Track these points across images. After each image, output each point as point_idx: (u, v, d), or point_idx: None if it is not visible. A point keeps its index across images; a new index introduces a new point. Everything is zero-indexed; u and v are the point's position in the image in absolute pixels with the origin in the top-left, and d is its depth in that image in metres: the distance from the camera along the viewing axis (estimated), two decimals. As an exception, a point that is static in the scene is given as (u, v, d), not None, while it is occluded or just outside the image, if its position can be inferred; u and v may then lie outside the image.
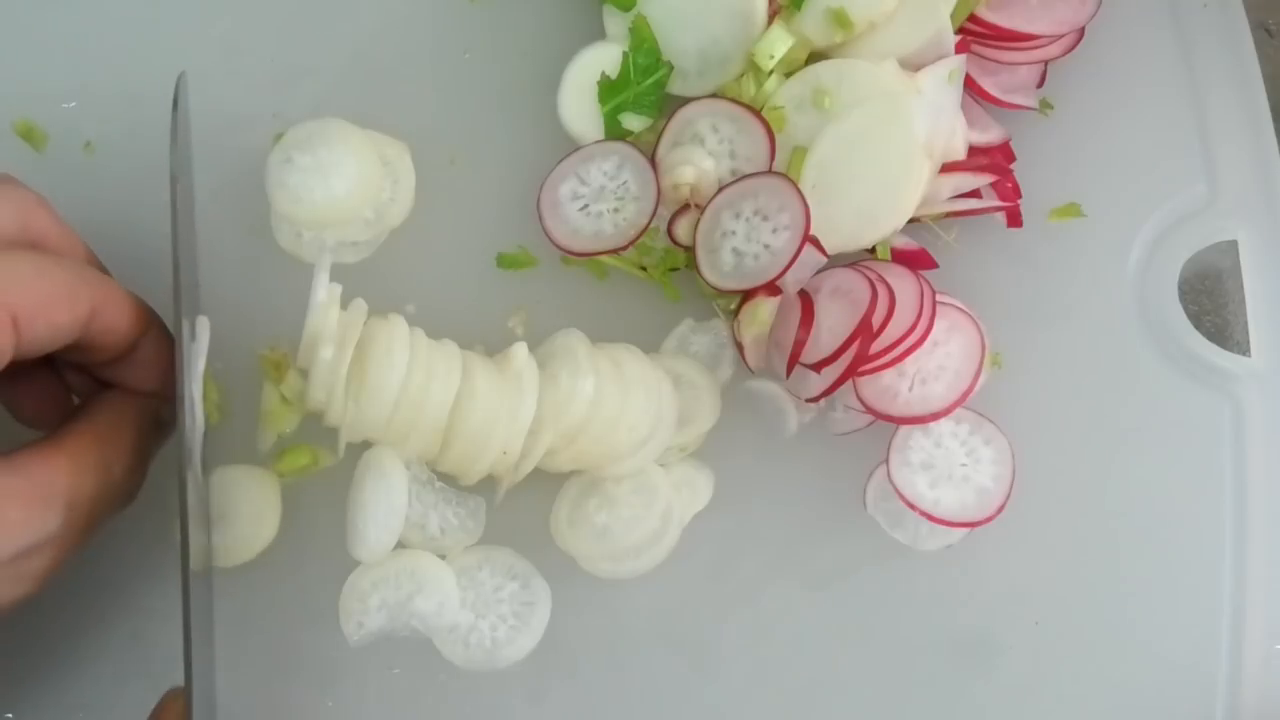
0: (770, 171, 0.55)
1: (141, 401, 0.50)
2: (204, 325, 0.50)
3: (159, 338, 0.50)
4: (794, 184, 0.53)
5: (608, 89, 0.56)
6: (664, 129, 0.56)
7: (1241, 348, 0.58)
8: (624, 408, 0.52)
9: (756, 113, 0.55)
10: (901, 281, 0.53)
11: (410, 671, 0.54)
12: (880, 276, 0.53)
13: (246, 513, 0.54)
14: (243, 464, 0.55)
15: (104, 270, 0.50)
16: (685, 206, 0.56)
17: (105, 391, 0.50)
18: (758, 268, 0.54)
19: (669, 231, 0.57)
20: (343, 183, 0.55)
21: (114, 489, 0.47)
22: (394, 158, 0.58)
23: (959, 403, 0.53)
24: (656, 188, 0.55)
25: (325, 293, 0.50)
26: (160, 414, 0.50)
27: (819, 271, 0.54)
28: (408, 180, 0.58)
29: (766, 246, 0.53)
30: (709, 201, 0.55)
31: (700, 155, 0.55)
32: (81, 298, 0.46)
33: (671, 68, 0.57)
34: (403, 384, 0.50)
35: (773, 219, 0.53)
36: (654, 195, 0.55)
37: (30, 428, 0.51)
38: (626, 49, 0.57)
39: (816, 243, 0.54)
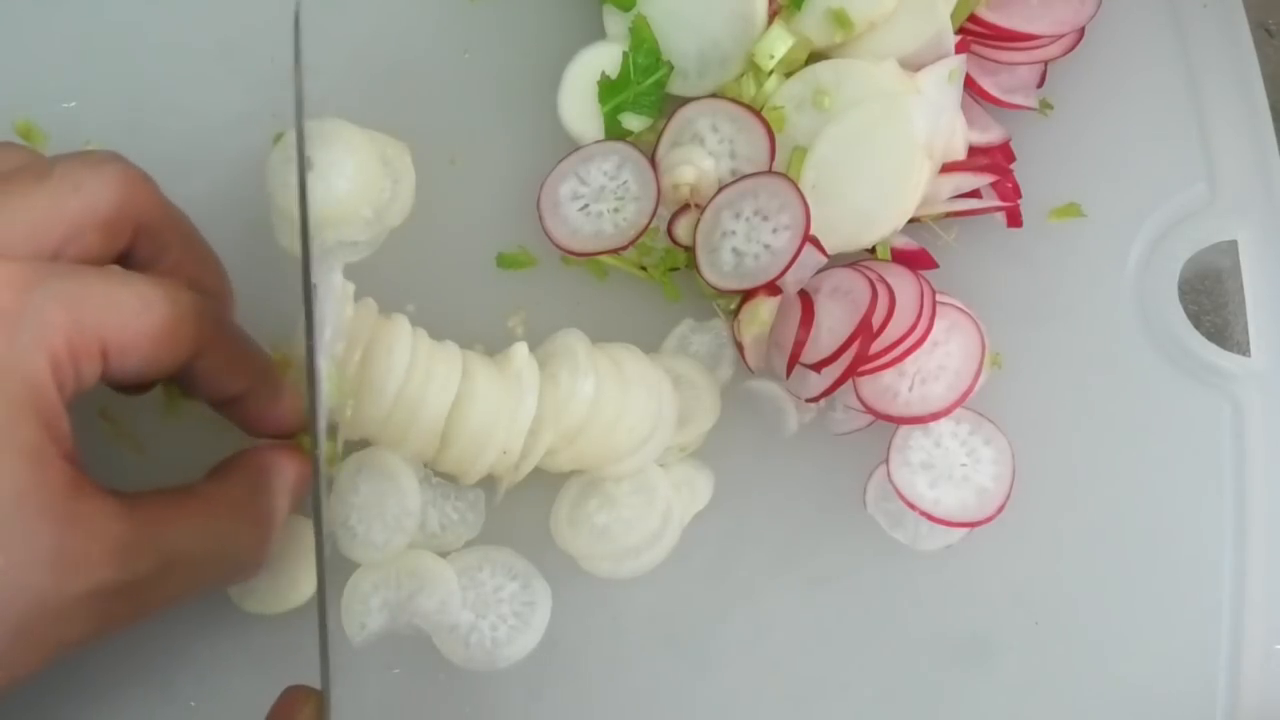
0: (770, 171, 0.55)
1: (284, 472, 0.48)
2: (338, 283, 0.49)
3: (270, 393, 0.49)
4: (794, 184, 0.53)
5: (608, 89, 0.56)
6: (664, 129, 0.56)
7: (1241, 348, 0.58)
8: (624, 408, 0.52)
9: (756, 113, 0.55)
10: (901, 281, 0.54)
11: (410, 671, 0.54)
12: (880, 276, 0.53)
13: (292, 562, 0.53)
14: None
15: (214, 257, 0.50)
16: (685, 206, 0.56)
17: (252, 451, 0.49)
18: (758, 268, 0.54)
19: (669, 231, 0.57)
20: (343, 182, 0.55)
21: (232, 558, 0.46)
22: (394, 157, 0.58)
23: (959, 403, 0.53)
24: (656, 187, 0.55)
25: (341, 289, 0.50)
26: (298, 482, 0.49)
27: (819, 271, 0.54)
28: (408, 180, 0.58)
29: (766, 246, 0.53)
30: (709, 201, 0.55)
31: (700, 155, 0.55)
32: (183, 340, 0.44)
33: (671, 68, 0.57)
34: (401, 385, 0.50)
35: (773, 219, 0.53)
36: (654, 195, 0.55)
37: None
38: (626, 49, 0.57)
39: (816, 243, 0.54)
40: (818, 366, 0.52)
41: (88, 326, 0.41)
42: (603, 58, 0.57)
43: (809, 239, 0.53)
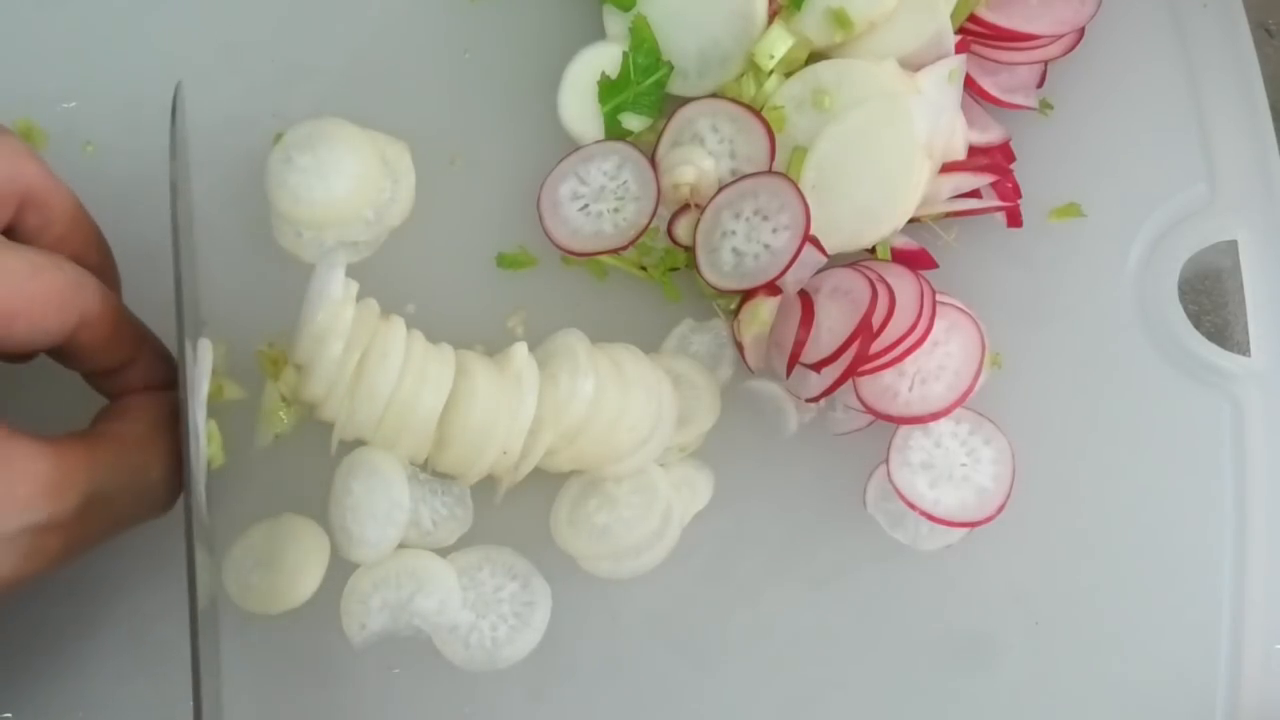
0: (770, 171, 0.55)
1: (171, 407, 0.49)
2: (206, 349, 0.50)
3: (152, 363, 0.50)
4: (794, 184, 0.53)
5: (608, 89, 0.56)
6: (664, 129, 0.56)
7: (1241, 347, 0.58)
8: (624, 408, 0.52)
9: (756, 113, 0.55)
10: (901, 281, 0.54)
11: (410, 671, 0.54)
12: (880, 277, 0.53)
13: (292, 561, 0.53)
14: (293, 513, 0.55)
15: (99, 235, 0.50)
16: (685, 206, 0.56)
17: (142, 394, 0.50)
18: (758, 267, 0.54)
19: (669, 231, 0.57)
20: (343, 182, 0.55)
21: (146, 491, 0.47)
22: (394, 157, 0.58)
23: (959, 403, 0.53)
24: (656, 187, 0.55)
25: (340, 288, 0.50)
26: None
27: (819, 271, 0.54)
28: (408, 180, 0.58)
29: (766, 246, 0.53)
30: (709, 201, 0.55)
31: (700, 155, 0.55)
32: (71, 306, 0.45)
33: (671, 68, 0.57)
34: (394, 388, 0.50)
35: (773, 219, 0.53)
36: (654, 195, 0.55)
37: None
38: (627, 49, 0.57)
39: (816, 242, 0.54)
40: (818, 366, 0.52)
41: None
42: (603, 58, 0.57)
43: (809, 239, 0.53)
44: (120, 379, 0.50)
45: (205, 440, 0.49)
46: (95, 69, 0.60)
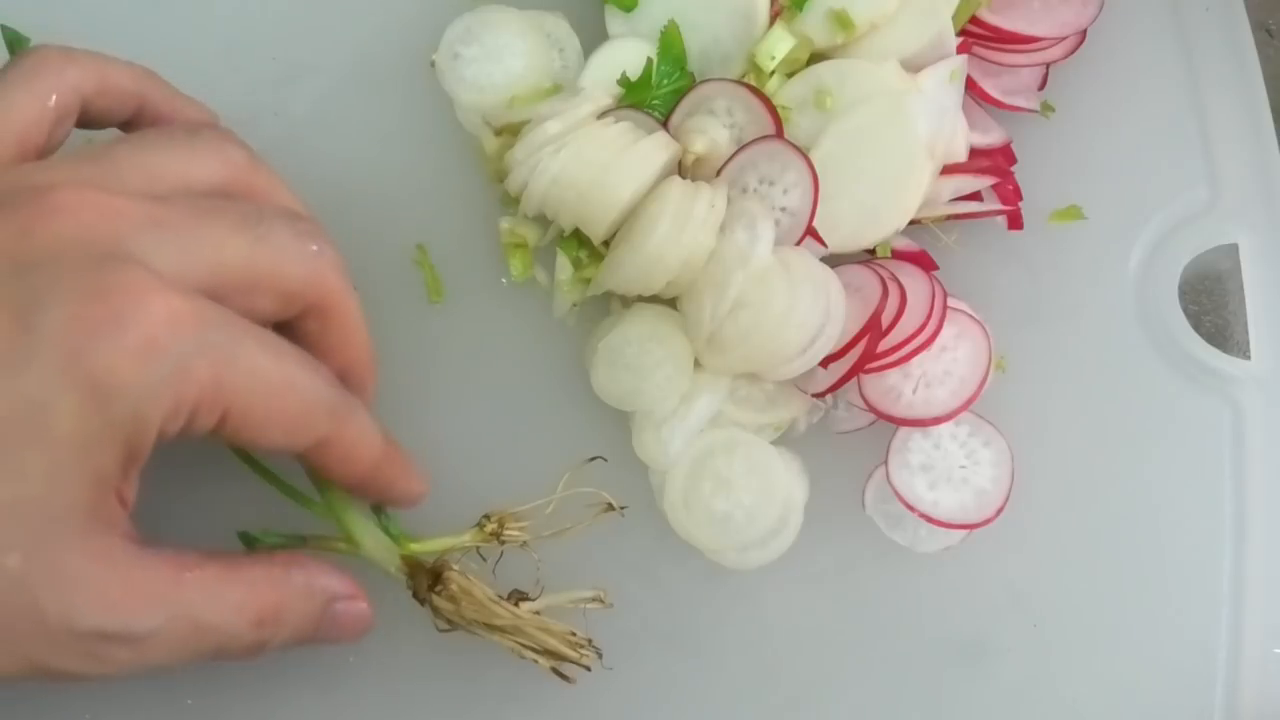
0: (759, 138, 0.54)
1: (322, 581, 0.47)
2: None
3: (387, 480, 0.48)
4: (787, 141, 0.53)
5: (629, 89, 0.56)
6: (679, 103, 0.56)
7: (1242, 350, 0.58)
8: (792, 304, 0.51)
9: (769, 105, 0.55)
10: (913, 281, 0.54)
11: (410, 671, 0.54)
12: (892, 275, 0.53)
13: None
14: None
15: (369, 355, 0.49)
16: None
17: (307, 557, 0.47)
18: (783, 233, 0.54)
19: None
20: (517, 60, 0.56)
21: (230, 633, 0.43)
22: (553, 28, 0.58)
23: (962, 409, 0.54)
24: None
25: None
26: (334, 602, 0.47)
27: (833, 268, 0.54)
28: (572, 45, 0.58)
29: (784, 209, 0.53)
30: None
31: (715, 125, 0.55)
32: (309, 430, 0.43)
33: (694, 78, 0.56)
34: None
35: (780, 180, 0.53)
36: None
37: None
38: (651, 54, 0.56)
39: (816, 234, 0.54)
40: (825, 361, 0.52)
41: (224, 388, 0.40)
42: (624, 54, 0.57)
43: (810, 229, 0.53)
44: (357, 490, 0.48)
45: None
46: (95, 67, 0.60)
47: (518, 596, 0.49)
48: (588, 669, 0.50)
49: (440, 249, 0.59)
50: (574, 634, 0.50)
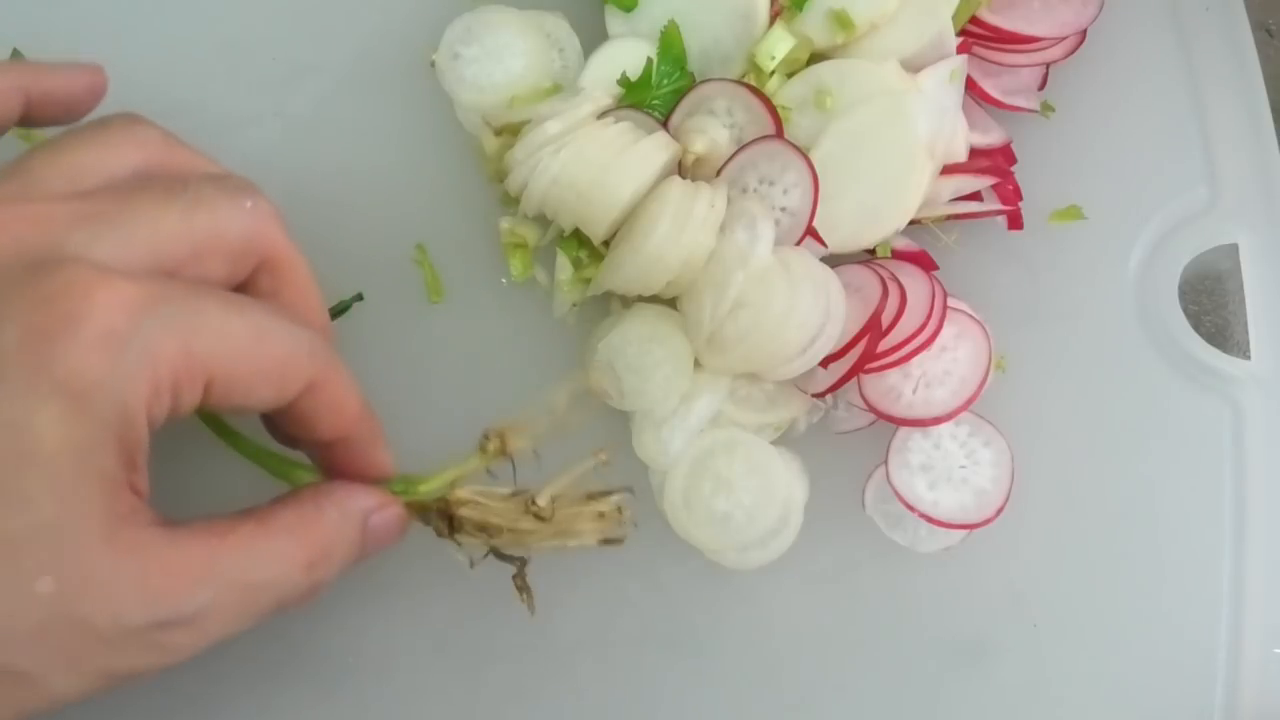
0: (759, 138, 0.54)
1: (352, 500, 0.46)
2: None
3: (367, 438, 0.47)
4: (787, 141, 0.53)
5: (629, 89, 0.56)
6: (680, 101, 0.56)
7: (1241, 349, 0.58)
8: (793, 304, 0.51)
9: (770, 106, 0.55)
10: (913, 281, 0.54)
11: (410, 671, 0.54)
12: (893, 275, 0.54)
13: None
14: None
15: (324, 308, 0.48)
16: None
17: (322, 482, 0.47)
18: (783, 233, 0.54)
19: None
20: (517, 60, 0.56)
21: (285, 583, 0.43)
22: (553, 28, 0.58)
23: (962, 409, 0.54)
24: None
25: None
26: (369, 515, 0.46)
27: (832, 268, 0.54)
28: (572, 45, 0.58)
29: (784, 209, 0.53)
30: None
31: (714, 125, 0.55)
32: (296, 376, 0.43)
33: (694, 78, 0.56)
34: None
35: (780, 180, 0.53)
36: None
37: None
38: (652, 53, 0.56)
39: (816, 234, 0.54)
40: (825, 361, 0.52)
41: (197, 356, 0.40)
42: (623, 53, 0.57)
43: (810, 229, 0.53)
44: (330, 454, 0.47)
45: None
46: (95, 66, 0.60)
47: (528, 497, 0.48)
48: (634, 525, 0.49)
49: (440, 249, 0.59)
50: (601, 513, 0.48)
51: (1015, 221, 0.58)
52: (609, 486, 0.48)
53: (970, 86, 0.57)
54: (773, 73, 0.56)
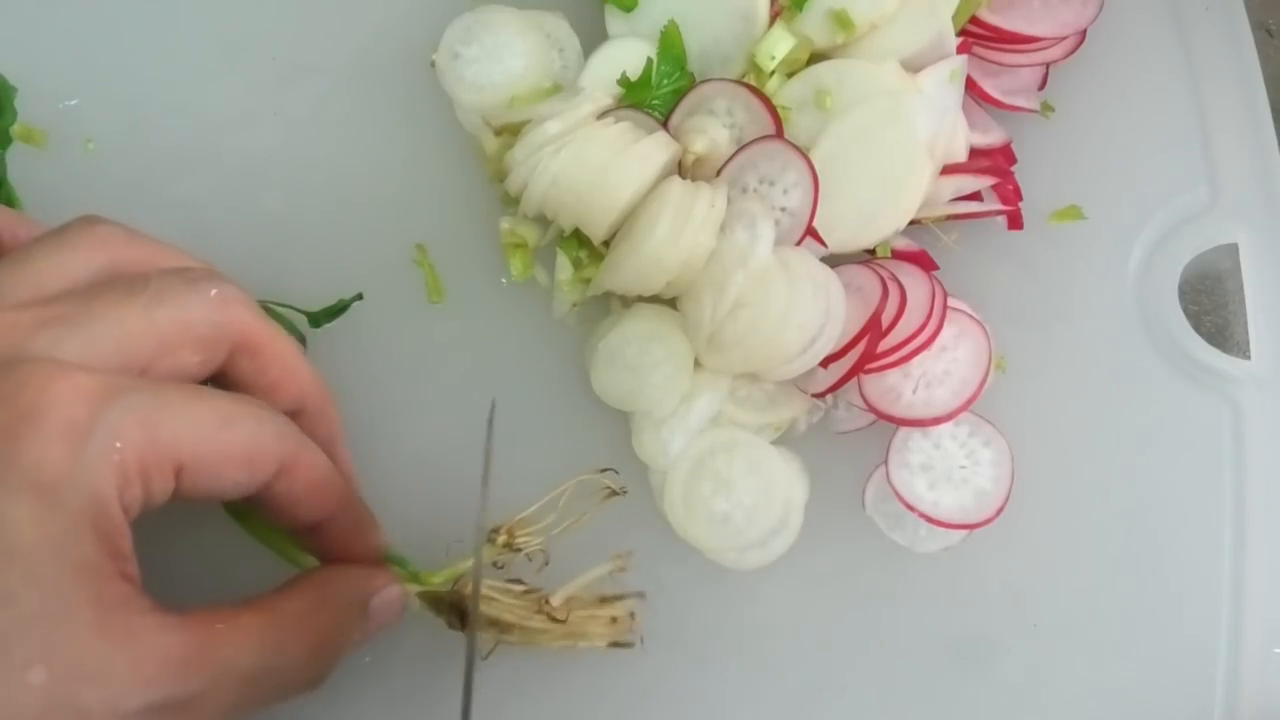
0: (759, 138, 0.54)
1: (352, 587, 0.47)
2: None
3: (350, 524, 0.48)
4: (787, 141, 0.53)
5: (629, 89, 0.56)
6: (680, 101, 0.56)
7: (1241, 350, 0.58)
8: (792, 304, 0.51)
9: (770, 105, 0.55)
10: (913, 281, 0.54)
11: (410, 671, 0.54)
12: (893, 275, 0.54)
13: None
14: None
15: (317, 381, 0.48)
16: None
17: (321, 569, 0.48)
18: (783, 233, 0.54)
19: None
20: (517, 60, 0.56)
21: (287, 673, 0.43)
22: (553, 28, 0.58)
23: (962, 409, 0.54)
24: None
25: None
26: (370, 600, 0.47)
27: (833, 268, 0.54)
28: (572, 45, 0.58)
29: (784, 210, 0.53)
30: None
31: (714, 125, 0.55)
32: (265, 461, 0.43)
33: (693, 78, 0.56)
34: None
35: (780, 180, 0.53)
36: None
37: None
38: (651, 54, 0.56)
39: (816, 234, 0.54)
40: (825, 361, 0.52)
41: (162, 443, 0.40)
42: (624, 53, 0.57)
43: (810, 229, 0.53)
44: (319, 536, 0.48)
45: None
46: (96, 66, 0.60)
47: (541, 597, 0.49)
48: (641, 639, 0.50)
49: (440, 249, 0.59)
50: (614, 618, 0.50)
51: (1015, 221, 0.58)
52: (622, 590, 0.50)
53: (970, 86, 0.57)
54: (773, 73, 0.56)
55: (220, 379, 0.46)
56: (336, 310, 0.57)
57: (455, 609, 0.48)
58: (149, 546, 0.41)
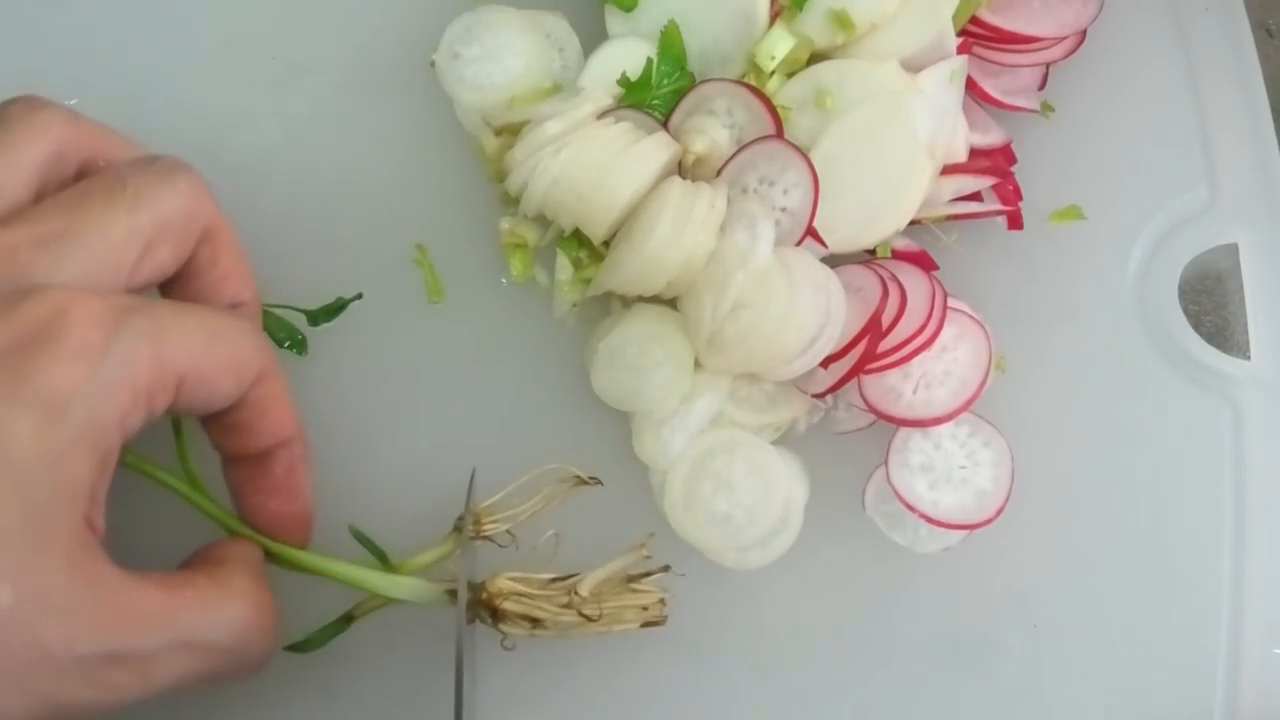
0: (759, 138, 0.54)
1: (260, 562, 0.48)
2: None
3: (301, 456, 0.49)
4: (787, 141, 0.53)
5: (629, 89, 0.56)
6: (680, 101, 0.56)
7: (1241, 350, 0.58)
8: (792, 305, 0.51)
9: (770, 105, 0.55)
10: (914, 281, 0.54)
11: (410, 671, 0.54)
12: (893, 275, 0.54)
13: None
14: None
15: (250, 269, 0.49)
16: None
17: (240, 541, 0.48)
18: (783, 233, 0.54)
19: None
20: (516, 60, 0.56)
21: (238, 648, 0.44)
22: (553, 28, 0.58)
23: (962, 409, 0.54)
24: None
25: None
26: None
27: (832, 268, 0.54)
28: (572, 45, 0.58)
29: (784, 210, 0.53)
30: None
31: (714, 125, 0.55)
32: (249, 370, 0.45)
33: (694, 78, 0.56)
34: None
35: (780, 181, 0.53)
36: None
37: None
38: (651, 54, 0.56)
39: (816, 234, 0.54)
40: (825, 362, 0.52)
41: (167, 361, 0.41)
42: (624, 53, 0.57)
43: (810, 230, 0.53)
44: (269, 465, 0.48)
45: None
46: (96, 66, 0.60)
47: (569, 585, 0.50)
48: (665, 618, 0.51)
49: (440, 249, 0.59)
50: (645, 607, 0.50)
51: (1015, 221, 0.58)
52: (648, 568, 0.50)
53: (970, 86, 0.57)
54: (773, 73, 0.56)
55: (184, 268, 0.47)
56: (335, 309, 0.57)
57: (488, 608, 0.49)
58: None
